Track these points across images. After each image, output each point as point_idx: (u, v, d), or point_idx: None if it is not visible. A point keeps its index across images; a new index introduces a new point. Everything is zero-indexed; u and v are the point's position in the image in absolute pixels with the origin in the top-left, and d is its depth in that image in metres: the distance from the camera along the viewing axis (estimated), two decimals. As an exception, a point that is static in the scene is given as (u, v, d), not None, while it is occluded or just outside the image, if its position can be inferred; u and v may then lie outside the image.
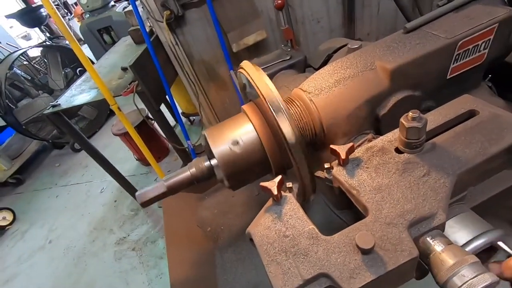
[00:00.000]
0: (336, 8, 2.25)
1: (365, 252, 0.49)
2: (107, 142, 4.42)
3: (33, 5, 5.95)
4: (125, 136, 3.37)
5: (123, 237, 2.95)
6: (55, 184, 4.06)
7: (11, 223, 3.61)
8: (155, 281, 2.46)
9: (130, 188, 3.11)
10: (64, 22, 1.86)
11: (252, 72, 0.74)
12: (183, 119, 3.97)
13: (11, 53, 4.36)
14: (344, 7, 2.21)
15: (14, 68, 4.42)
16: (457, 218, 0.63)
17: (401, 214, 0.54)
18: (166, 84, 2.33)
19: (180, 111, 3.87)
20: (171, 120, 3.06)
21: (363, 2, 2.21)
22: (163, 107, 2.78)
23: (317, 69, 1.34)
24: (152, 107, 2.30)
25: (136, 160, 3.76)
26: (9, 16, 5.83)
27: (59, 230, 3.32)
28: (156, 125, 3.48)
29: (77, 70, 4.93)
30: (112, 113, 5.19)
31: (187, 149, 2.71)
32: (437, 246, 0.52)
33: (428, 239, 0.53)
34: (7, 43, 6.33)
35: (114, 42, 5.03)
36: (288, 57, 1.36)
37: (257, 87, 0.71)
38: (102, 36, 5.11)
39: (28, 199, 3.98)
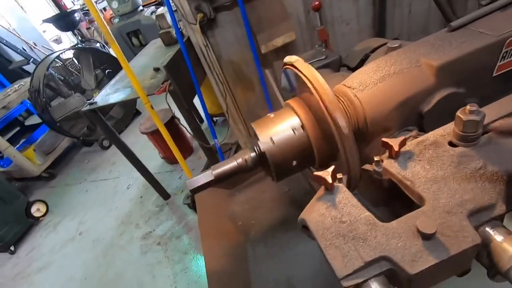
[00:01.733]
0: (366, 9, 2.25)
1: (426, 237, 0.51)
2: (133, 140, 4.58)
3: (67, 10, 6.29)
4: (152, 134, 3.49)
5: (149, 231, 3.05)
6: (85, 179, 4.25)
7: (44, 215, 3.82)
8: (180, 275, 2.53)
9: (155, 185, 3.22)
10: (108, 27, 1.97)
11: (304, 68, 0.78)
12: (207, 119, 4.05)
13: (48, 55, 4.63)
14: (375, 8, 2.21)
15: (50, 69, 4.69)
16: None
17: (460, 203, 0.55)
18: (197, 84, 2.40)
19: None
20: (197, 120, 3.14)
21: (394, 3, 2.20)
22: (190, 107, 2.86)
23: (353, 69, 1.36)
24: (182, 105, 2.38)
25: (162, 158, 3.88)
26: (46, 21, 6.19)
27: (88, 223, 3.47)
28: (181, 124, 3.59)
29: (106, 71, 5.17)
30: (137, 113, 5.39)
31: (213, 148, 2.78)
32: (497, 236, 0.52)
33: (488, 229, 0.54)
34: (42, 46, 6.73)
35: (141, 45, 5.25)
36: (323, 57, 1.39)
37: (310, 81, 0.74)
38: (130, 39, 5.33)
39: (60, 193, 4.19)
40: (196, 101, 2.83)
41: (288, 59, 0.88)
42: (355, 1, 2.22)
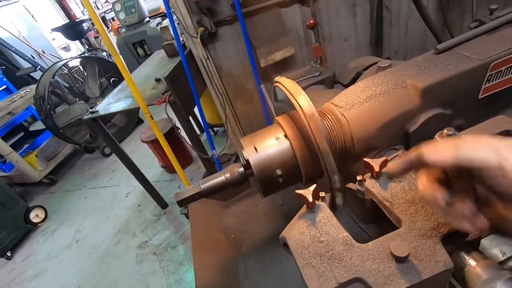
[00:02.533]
0: (364, 27, 2.29)
1: (399, 260, 0.51)
2: (134, 149, 4.62)
3: (76, 20, 6.47)
4: (152, 143, 3.52)
5: (145, 241, 3.04)
6: (85, 186, 4.27)
7: (43, 221, 3.82)
8: (174, 287, 2.50)
9: (154, 194, 3.23)
10: (110, 38, 2.03)
11: (289, 86, 0.80)
12: (208, 129, 4.09)
13: (55, 63, 4.74)
14: (372, 26, 2.26)
15: (56, 77, 4.79)
16: (493, 236, 0.64)
17: (435, 227, 0.55)
18: (196, 95, 2.44)
19: (205, 121, 3.99)
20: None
21: (391, 22, 2.25)
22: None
23: (346, 86, 1.38)
24: (182, 116, 2.42)
25: (161, 167, 3.90)
26: (55, 29, 6.36)
27: (86, 230, 3.47)
28: (181, 134, 3.63)
29: (111, 80, 5.26)
30: (139, 122, 5.45)
31: (211, 158, 2.79)
32: (471, 261, 0.53)
33: (462, 253, 0.54)
34: (50, 54, 6.89)
35: (146, 55, 5.35)
36: (317, 73, 1.42)
37: (294, 100, 0.77)
38: (136, 49, 5.44)
39: (59, 199, 4.21)
40: (197, 110, 2.87)
41: (277, 78, 0.90)
42: (353, 18, 2.27)
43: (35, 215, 3.78)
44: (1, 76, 5.36)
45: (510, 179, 0.38)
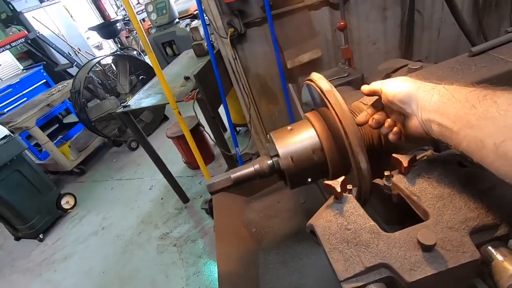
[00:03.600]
0: (393, 30, 2.28)
1: (426, 249, 0.53)
2: (159, 144, 4.78)
3: (111, 20, 6.83)
4: (177, 139, 3.65)
5: (166, 232, 3.16)
6: (111, 177, 4.49)
7: (72, 207, 4.06)
8: (192, 278, 2.58)
9: (176, 188, 3.34)
10: (146, 38, 2.15)
11: (322, 83, 0.84)
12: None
13: (90, 60, 5.02)
14: (402, 30, 2.23)
15: (90, 73, 5.08)
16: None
17: (463, 220, 0.57)
18: (223, 94, 2.52)
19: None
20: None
21: (423, 26, 2.21)
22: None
23: (374, 87, 1.39)
24: (208, 113, 2.50)
25: (184, 163, 4.02)
26: (91, 28, 6.75)
27: (111, 219, 3.65)
28: (204, 132, 3.73)
29: (140, 78, 5.50)
30: (165, 118, 5.65)
31: (234, 156, 2.86)
32: (498, 255, 0.54)
33: (490, 247, 0.56)
34: (85, 51, 7.30)
35: (174, 54, 5.55)
36: (345, 74, 1.44)
37: (326, 97, 0.80)
38: (165, 48, 5.66)
39: (88, 188, 4.45)
40: (220, 110, 2.96)
41: (311, 76, 0.94)
42: (383, 22, 2.25)
43: (66, 202, 4.02)
44: (42, 70, 5.74)
45: (384, 96, 0.70)
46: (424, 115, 0.60)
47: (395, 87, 0.67)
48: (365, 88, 0.77)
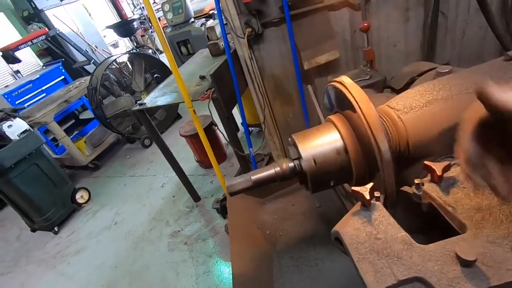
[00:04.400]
0: (415, 32, 2.21)
1: (465, 264, 0.50)
2: (172, 142, 4.82)
3: (128, 19, 6.94)
4: (190, 138, 3.67)
5: (177, 230, 3.17)
6: (125, 174, 4.55)
7: (86, 202, 4.14)
8: (202, 277, 2.58)
9: (188, 186, 3.36)
10: (165, 36, 2.16)
11: (350, 86, 0.81)
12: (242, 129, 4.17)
13: (107, 58, 5.12)
14: (425, 31, 2.17)
15: (107, 70, 5.17)
16: None
17: (505, 235, 0.54)
18: (239, 94, 2.51)
19: (240, 121, 4.08)
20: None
21: (446, 28, 2.14)
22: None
23: (398, 91, 1.35)
24: (222, 113, 2.50)
25: (196, 161, 4.04)
26: (109, 27, 6.88)
27: (124, 214, 3.70)
28: (217, 131, 3.74)
29: (155, 76, 5.56)
30: (178, 117, 5.70)
31: (247, 156, 2.85)
32: (546, 274, 0.50)
33: (535, 265, 0.52)
34: (102, 49, 7.45)
35: (189, 53, 5.59)
36: (367, 77, 1.40)
37: (355, 101, 0.77)
38: (180, 47, 5.70)
39: (102, 183, 4.53)
40: (234, 110, 2.95)
41: (341, 79, 0.91)
42: (405, 23, 2.19)
43: (80, 196, 4.10)
44: (60, 67, 5.88)
45: None
46: None
47: None
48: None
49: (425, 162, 0.69)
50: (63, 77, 5.95)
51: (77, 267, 3.24)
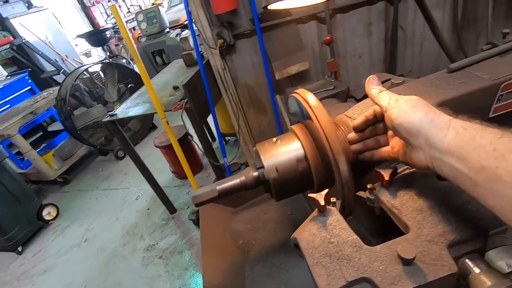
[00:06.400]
0: (378, 45, 2.35)
1: (406, 262, 0.54)
2: (147, 153, 4.72)
3: (100, 28, 6.79)
4: (165, 148, 3.61)
5: (152, 244, 3.08)
6: (97, 187, 4.38)
7: (54, 218, 3.93)
8: (178, 292, 2.52)
9: (163, 198, 3.29)
10: (135, 46, 2.15)
11: (306, 96, 0.85)
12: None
13: (77, 68, 4.96)
14: (387, 45, 2.31)
15: (77, 81, 5.01)
16: (498, 249, 0.65)
17: (441, 234, 0.58)
18: (212, 104, 2.52)
19: (217, 130, 4.08)
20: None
21: (405, 41, 2.30)
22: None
23: (359, 100, 1.43)
24: (196, 123, 2.49)
25: (172, 172, 3.97)
26: (80, 36, 6.69)
27: (95, 230, 3.54)
28: (193, 141, 3.71)
29: (129, 86, 5.45)
30: (153, 127, 5.59)
31: (222, 166, 2.85)
32: (476, 268, 0.55)
33: (467, 260, 0.57)
34: (73, 59, 7.21)
35: (164, 63, 5.54)
36: (331, 87, 1.47)
37: (311, 110, 0.81)
38: (154, 57, 5.65)
39: (71, 198, 4.32)
40: (210, 119, 2.95)
41: (297, 90, 0.95)
42: (368, 37, 2.33)
43: (48, 213, 3.88)
44: (27, 77, 5.62)
45: (388, 118, 0.61)
46: (434, 153, 0.52)
47: (403, 115, 0.57)
48: (371, 94, 0.69)
49: (376, 168, 0.74)
50: (29, 87, 5.67)
51: (44, 287, 3.04)
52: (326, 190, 0.71)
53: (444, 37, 1.71)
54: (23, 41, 5.02)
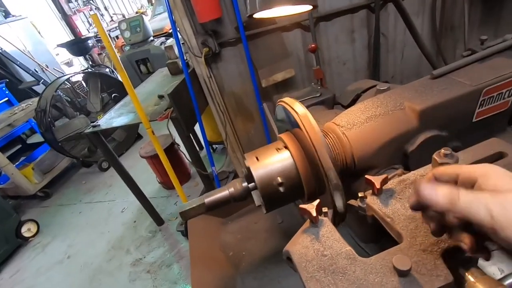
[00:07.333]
0: (361, 52, 2.40)
1: (402, 274, 0.53)
2: (132, 164, 4.60)
3: (82, 37, 6.65)
4: (151, 158, 3.53)
5: (139, 258, 2.98)
6: (80, 200, 4.22)
7: (34, 235, 3.74)
8: (167, 307, 2.43)
9: (150, 210, 3.19)
10: (118, 55, 2.10)
11: (294, 105, 0.84)
12: (207, 146, 4.11)
13: (58, 78, 4.82)
14: (370, 51, 2.36)
15: (58, 91, 4.85)
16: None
17: (435, 242, 0.57)
18: (198, 113, 2.49)
19: (204, 138, 4.03)
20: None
21: (387, 48, 2.36)
22: (191, 134, 2.92)
23: (346, 107, 1.43)
24: (183, 132, 2.45)
25: (159, 183, 3.88)
26: (60, 45, 6.51)
27: (78, 246, 3.39)
28: (180, 151, 3.65)
29: (112, 96, 5.34)
30: (139, 137, 5.48)
31: (210, 175, 2.80)
32: (470, 277, 0.54)
33: (461, 269, 0.56)
34: (54, 68, 7.00)
35: (149, 72, 5.47)
36: (318, 94, 1.47)
37: (298, 118, 0.80)
38: (139, 66, 5.57)
39: (53, 213, 4.13)
40: (197, 127, 2.91)
41: (284, 99, 0.94)
42: (352, 44, 2.37)
43: (27, 229, 3.69)
44: (4, 88, 5.41)
45: (501, 238, 0.40)
46: None
47: None
48: (460, 205, 0.43)
49: (366, 176, 0.73)
50: (7, 98, 5.45)
51: (22, 311, 2.87)
52: (318, 201, 0.69)
53: (425, 43, 1.77)
54: (0, 51, 4.83)
